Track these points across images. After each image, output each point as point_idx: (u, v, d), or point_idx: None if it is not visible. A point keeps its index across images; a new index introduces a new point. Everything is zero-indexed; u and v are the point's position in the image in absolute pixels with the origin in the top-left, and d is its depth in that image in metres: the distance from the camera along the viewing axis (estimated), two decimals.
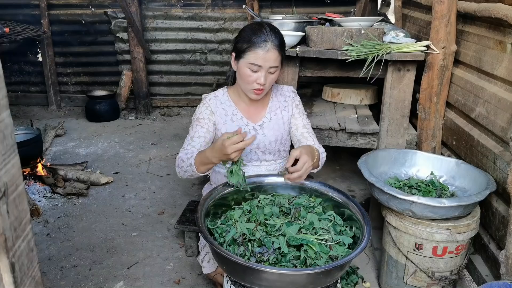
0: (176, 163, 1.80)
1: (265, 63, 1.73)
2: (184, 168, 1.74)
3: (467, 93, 2.20)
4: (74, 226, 2.73)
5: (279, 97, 2.00)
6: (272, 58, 1.74)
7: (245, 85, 1.81)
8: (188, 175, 1.77)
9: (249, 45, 1.74)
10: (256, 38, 1.73)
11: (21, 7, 4.92)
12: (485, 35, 2.08)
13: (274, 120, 1.95)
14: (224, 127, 1.90)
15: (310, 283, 1.31)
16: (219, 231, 1.51)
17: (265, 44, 1.72)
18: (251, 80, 1.77)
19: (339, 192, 1.69)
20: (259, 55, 1.73)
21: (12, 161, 0.62)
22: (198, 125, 1.87)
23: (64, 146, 4.11)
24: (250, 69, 1.76)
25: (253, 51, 1.73)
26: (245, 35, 1.78)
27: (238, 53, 1.80)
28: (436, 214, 1.79)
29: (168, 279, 2.25)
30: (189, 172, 1.73)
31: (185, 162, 1.73)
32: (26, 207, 0.66)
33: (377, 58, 2.23)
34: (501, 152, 1.89)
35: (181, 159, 1.75)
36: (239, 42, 1.80)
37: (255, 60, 1.73)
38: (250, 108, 1.94)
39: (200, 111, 1.91)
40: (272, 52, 1.73)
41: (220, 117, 1.90)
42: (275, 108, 1.97)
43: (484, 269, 1.98)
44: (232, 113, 1.92)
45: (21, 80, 5.26)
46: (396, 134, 2.46)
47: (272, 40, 1.74)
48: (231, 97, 1.94)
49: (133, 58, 4.86)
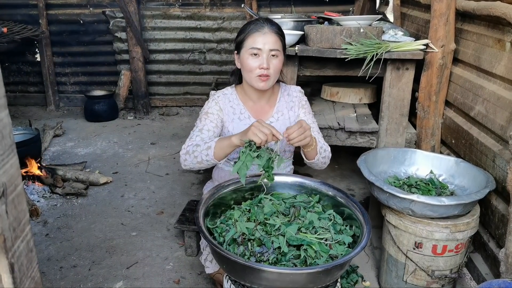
0: (183, 151, 1.74)
1: (265, 46, 1.75)
2: (196, 153, 1.68)
3: (466, 92, 2.20)
4: (73, 226, 2.73)
5: (286, 97, 2.00)
6: (271, 41, 1.76)
7: (249, 74, 1.80)
8: (196, 162, 1.70)
9: (246, 33, 1.79)
10: (252, 25, 1.79)
11: (19, 7, 4.91)
12: (484, 33, 2.08)
13: (281, 120, 1.95)
14: (231, 125, 1.90)
15: (310, 282, 1.30)
16: (219, 230, 1.50)
17: (262, 27, 1.77)
18: (254, 66, 1.77)
19: (338, 191, 1.69)
20: (256, 39, 1.76)
21: (10, 161, 0.62)
22: (207, 119, 1.85)
23: (63, 146, 4.10)
24: (251, 54, 1.77)
25: (251, 36, 1.77)
26: (243, 28, 1.84)
27: (238, 47, 1.84)
28: (435, 212, 1.79)
29: (167, 279, 2.24)
30: (200, 157, 1.67)
31: (200, 147, 1.68)
32: (25, 208, 0.66)
33: (376, 57, 2.23)
34: (501, 150, 1.89)
35: (195, 144, 1.70)
36: (238, 36, 1.84)
37: (253, 43, 1.76)
38: (258, 107, 1.94)
39: (209, 105, 1.90)
40: (270, 35, 1.76)
41: (228, 115, 1.90)
42: (282, 108, 1.97)
43: (484, 268, 1.98)
44: (240, 111, 1.92)
45: (19, 80, 5.25)
46: (395, 133, 2.46)
47: (269, 26, 1.78)
48: (239, 96, 1.94)
49: (132, 57, 4.85)
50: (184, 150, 1.74)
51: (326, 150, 1.87)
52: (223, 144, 1.64)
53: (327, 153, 1.88)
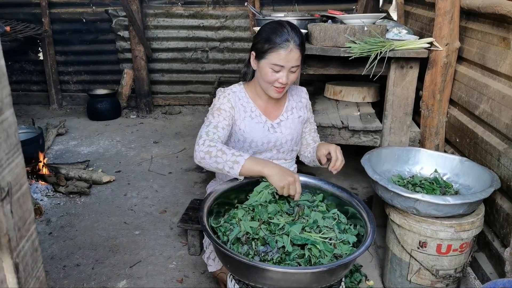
0: (203, 148, 1.62)
1: (287, 63, 1.71)
2: (219, 159, 1.59)
3: (470, 90, 2.19)
4: (76, 225, 2.73)
5: (295, 97, 2.00)
6: (294, 58, 1.72)
7: (266, 84, 1.80)
8: (215, 167, 1.61)
9: (270, 45, 1.71)
10: (278, 38, 1.70)
11: (22, 5, 4.92)
12: (489, 31, 2.06)
13: (291, 119, 1.95)
14: (243, 123, 1.87)
15: (314, 281, 1.30)
16: (223, 229, 1.50)
17: (287, 44, 1.69)
18: (273, 79, 1.76)
19: (342, 190, 1.68)
20: (281, 56, 1.70)
21: (16, 160, 0.61)
22: (221, 116, 1.80)
23: (66, 145, 4.10)
24: (272, 69, 1.74)
25: (276, 52, 1.70)
26: (266, 35, 1.74)
27: (258, 53, 1.77)
28: (440, 212, 1.78)
29: (171, 278, 2.24)
30: (222, 165, 1.59)
31: (226, 155, 1.58)
32: (30, 207, 0.65)
33: (380, 56, 2.22)
34: (506, 149, 1.88)
35: (220, 149, 1.60)
36: (259, 43, 1.76)
37: (277, 61, 1.71)
38: (268, 105, 1.93)
39: (221, 102, 1.85)
40: (294, 52, 1.71)
41: (239, 112, 1.87)
42: (291, 108, 1.97)
43: (488, 267, 1.98)
44: (251, 109, 1.89)
45: (22, 79, 5.26)
46: (399, 132, 2.45)
47: (294, 40, 1.70)
48: (248, 94, 1.92)
49: (134, 56, 4.85)
50: (203, 148, 1.62)
51: None
52: (253, 168, 1.58)
53: None
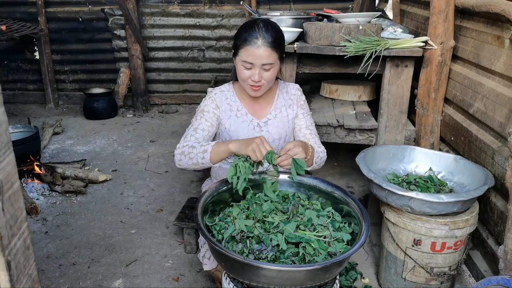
0: (178, 151, 1.73)
1: (256, 60, 1.72)
2: (192, 155, 1.68)
3: (465, 89, 2.20)
4: (72, 224, 2.73)
5: (285, 95, 1.99)
6: (263, 55, 1.72)
7: (242, 82, 1.83)
8: (192, 164, 1.70)
9: (240, 42, 1.75)
10: (247, 35, 1.73)
11: (18, 4, 4.90)
12: (483, 30, 2.07)
13: (279, 118, 1.94)
14: (228, 122, 1.89)
15: (308, 279, 1.30)
16: (218, 228, 1.50)
17: (255, 41, 1.71)
18: (245, 77, 1.77)
19: (337, 189, 1.69)
20: (249, 53, 1.72)
21: (7, 159, 0.61)
22: (203, 118, 1.85)
23: (62, 144, 4.10)
24: (243, 66, 1.76)
25: (244, 48, 1.73)
26: (239, 32, 1.78)
27: (234, 50, 1.81)
28: (434, 209, 1.79)
29: (167, 276, 2.25)
30: (196, 159, 1.68)
31: (196, 149, 1.68)
32: (21, 205, 0.66)
33: (375, 54, 2.22)
34: (500, 147, 1.89)
35: (191, 145, 1.70)
36: (235, 40, 1.81)
37: (246, 57, 1.73)
38: (255, 104, 1.94)
39: (205, 103, 1.89)
40: (263, 49, 1.71)
41: (224, 112, 1.90)
42: (280, 106, 1.96)
43: (483, 265, 1.99)
44: (237, 108, 1.91)
45: (18, 78, 5.24)
46: (394, 130, 2.46)
47: (264, 36, 1.71)
48: (236, 93, 1.94)
49: (131, 55, 4.84)
50: (179, 150, 1.74)
51: (320, 157, 1.88)
52: (220, 149, 1.64)
53: (322, 160, 1.90)
